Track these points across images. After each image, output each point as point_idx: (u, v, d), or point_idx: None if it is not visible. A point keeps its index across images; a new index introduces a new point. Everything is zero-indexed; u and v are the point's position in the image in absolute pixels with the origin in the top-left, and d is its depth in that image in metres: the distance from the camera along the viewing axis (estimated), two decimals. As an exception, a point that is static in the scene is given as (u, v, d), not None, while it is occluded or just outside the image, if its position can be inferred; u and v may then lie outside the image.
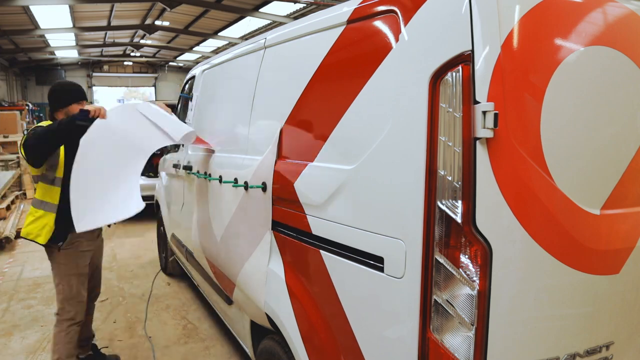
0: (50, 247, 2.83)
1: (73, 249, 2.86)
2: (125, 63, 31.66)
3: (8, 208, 7.20)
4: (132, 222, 7.91)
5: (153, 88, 32.99)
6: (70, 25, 17.83)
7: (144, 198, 2.82)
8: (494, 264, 1.35)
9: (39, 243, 2.79)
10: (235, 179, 2.59)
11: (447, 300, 1.39)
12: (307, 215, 1.92)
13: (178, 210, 4.11)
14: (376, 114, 1.60)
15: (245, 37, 19.21)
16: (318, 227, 1.87)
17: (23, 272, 5.34)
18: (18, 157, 9.71)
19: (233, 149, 2.78)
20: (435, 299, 1.40)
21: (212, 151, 3.03)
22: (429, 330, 1.42)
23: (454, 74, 1.34)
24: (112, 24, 18.90)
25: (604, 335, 1.58)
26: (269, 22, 17.34)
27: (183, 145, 4.00)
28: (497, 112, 1.31)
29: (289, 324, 2.02)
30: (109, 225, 2.85)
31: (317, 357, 1.87)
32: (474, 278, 1.36)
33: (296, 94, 2.09)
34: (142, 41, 23.34)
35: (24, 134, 2.70)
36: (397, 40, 1.54)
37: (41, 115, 24.62)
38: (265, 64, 2.51)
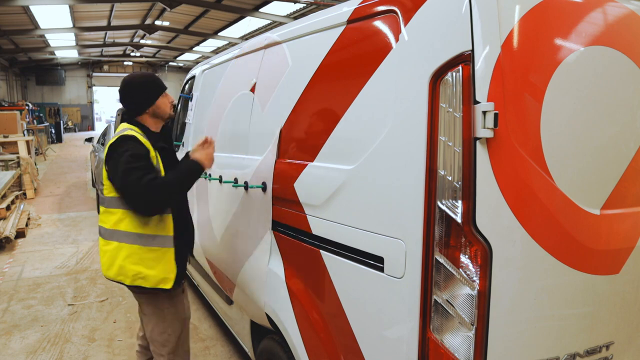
0: (154, 292, 2.28)
1: (179, 289, 2.39)
2: (125, 63, 31.69)
3: (8, 208, 7.20)
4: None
5: (153, 88, 32.94)
6: (70, 25, 17.85)
7: None
8: (494, 264, 1.35)
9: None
10: (235, 179, 2.59)
11: (447, 300, 1.39)
12: (307, 215, 1.92)
13: (178, 210, 4.10)
14: (376, 114, 1.60)
15: (245, 37, 19.22)
16: (318, 227, 1.87)
17: (23, 272, 5.34)
18: (18, 157, 9.70)
19: (233, 149, 2.78)
20: (435, 299, 1.40)
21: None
22: (429, 330, 1.42)
23: (454, 74, 1.34)
24: (112, 24, 18.92)
25: (604, 335, 1.58)
26: (269, 22, 17.35)
27: (183, 145, 4.00)
28: (497, 112, 1.31)
29: (289, 324, 2.02)
30: None
31: (317, 357, 1.87)
32: (474, 278, 1.36)
33: (296, 94, 2.09)
34: (142, 41, 23.36)
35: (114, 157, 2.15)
36: (397, 40, 1.54)
37: (41, 115, 24.62)
38: (265, 63, 2.51)
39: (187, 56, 28.11)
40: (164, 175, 2.24)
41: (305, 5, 14.83)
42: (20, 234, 6.65)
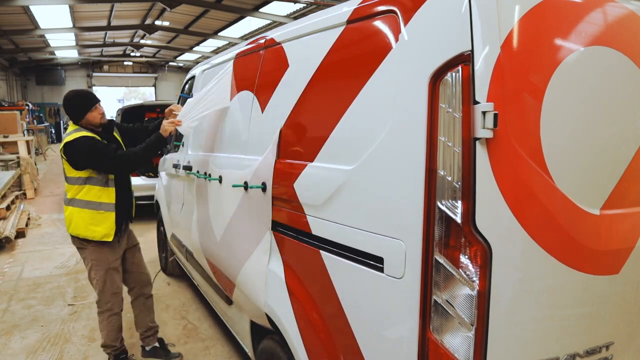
0: (82, 244, 3.05)
1: (103, 245, 3.05)
2: (125, 63, 31.65)
3: (8, 208, 7.20)
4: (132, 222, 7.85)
5: (153, 88, 32.97)
6: (70, 25, 17.83)
7: (144, 198, 2.82)
8: (494, 264, 1.35)
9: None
10: (236, 179, 2.58)
11: (447, 301, 1.39)
12: (307, 216, 1.92)
13: (178, 210, 4.11)
14: (376, 114, 1.60)
15: (245, 37, 19.22)
16: (318, 227, 1.87)
17: (23, 272, 5.34)
18: (18, 157, 9.70)
19: (233, 149, 2.78)
20: (435, 299, 1.40)
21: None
22: (429, 331, 1.42)
23: (453, 74, 1.34)
24: (112, 24, 18.89)
25: (604, 335, 1.58)
26: (269, 22, 17.34)
27: (183, 145, 4.00)
28: (496, 112, 1.31)
29: (289, 324, 2.02)
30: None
31: (317, 357, 1.87)
32: (474, 278, 1.36)
33: (296, 94, 2.09)
34: (142, 41, 23.34)
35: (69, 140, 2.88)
36: (396, 40, 1.54)
37: (41, 115, 24.63)
38: (265, 63, 2.51)
39: (187, 56, 28.08)
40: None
41: (305, 5, 14.81)
42: (20, 234, 6.65)
